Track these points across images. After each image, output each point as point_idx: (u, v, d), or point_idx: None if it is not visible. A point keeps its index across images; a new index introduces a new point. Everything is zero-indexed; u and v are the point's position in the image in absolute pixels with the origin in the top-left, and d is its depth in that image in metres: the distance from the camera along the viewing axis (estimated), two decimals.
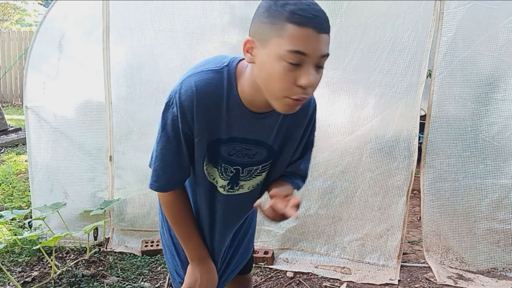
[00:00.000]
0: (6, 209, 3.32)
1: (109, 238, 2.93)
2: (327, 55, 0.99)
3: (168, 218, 1.25)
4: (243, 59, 1.10)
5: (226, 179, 1.23)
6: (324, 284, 2.55)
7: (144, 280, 2.56)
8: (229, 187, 1.25)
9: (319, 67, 0.99)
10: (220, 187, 1.25)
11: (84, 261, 2.71)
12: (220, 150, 1.16)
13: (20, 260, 2.74)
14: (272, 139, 1.19)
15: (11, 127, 6.44)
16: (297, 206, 1.07)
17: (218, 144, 1.15)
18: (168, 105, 1.09)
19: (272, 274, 2.64)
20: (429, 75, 2.67)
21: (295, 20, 0.92)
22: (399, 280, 2.58)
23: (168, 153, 1.14)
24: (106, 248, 2.88)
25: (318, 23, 0.93)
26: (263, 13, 0.97)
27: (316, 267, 2.72)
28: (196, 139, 1.13)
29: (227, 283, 1.48)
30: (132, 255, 2.81)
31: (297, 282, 2.57)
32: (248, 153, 1.19)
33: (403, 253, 2.76)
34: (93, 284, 2.48)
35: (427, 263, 2.72)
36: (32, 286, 2.45)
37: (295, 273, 2.65)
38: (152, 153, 1.19)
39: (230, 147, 1.16)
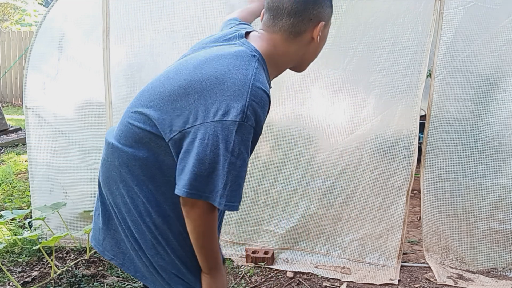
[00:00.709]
0: (6, 209, 3.32)
1: None
2: None
3: (205, 234, 1.15)
4: (249, 34, 1.26)
5: None
6: (324, 284, 2.55)
7: None
8: None
9: None
10: None
11: (84, 261, 2.71)
12: None
13: (20, 260, 2.74)
14: None
15: (11, 127, 6.44)
16: None
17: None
18: (242, 121, 1.05)
19: (272, 274, 2.64)
20: (429, 75, 2.67)
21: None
22: (399, 280, 2.58)
23: (244, 170, 1.10)
24: None
25: None
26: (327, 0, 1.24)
27: (316, 267, 2.72)
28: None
29: None
30: None
31: (297, 282, 2.57)
32: None
33: (403, 253, 2.76)
34: (93, 284, 2.49)
35: (427, 263, 2.72)
36: (32, 286, 2.45)
37: (295, 273, 2.65)
38: (212, 177, 1.07)
39: None
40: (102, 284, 2.48)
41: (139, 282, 2.53)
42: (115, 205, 1.26)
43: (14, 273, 2.59)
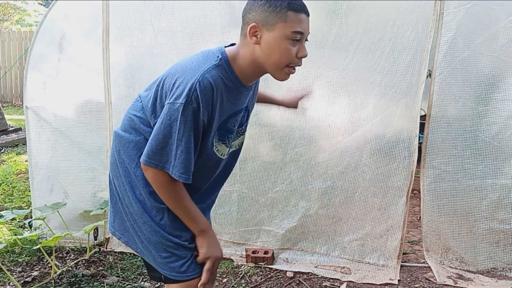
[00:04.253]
0: (6, 209, 3.32)
1: (109, 238, 2.93)
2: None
3: (176, 203, 1.37)
4: (227, 46, 1.39)
5: (228, 145, 1.48)
6: (324, 284, 2.55)
7: (144, 280, 2.56)
8: (228, 150, 1.50)
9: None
10: (221, 154, 1.47)
11: (84, 261, 2.72)
12: (227, 125, 1.41)
13: (20, 260, 2.75)
14: (251, 103, 1.52)
15: (11, 127, 6.44)
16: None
17: (227, 120, 1.39)
18: (187, 103, 1.25)
19: (272, 274, 2.64)
20: (429, 75, 2.67)
21: (294, 8, 1.27)
22: (399, 280, 2.58)
23: (192, 146, 1.29)
24: (106, 248, 2.88)
25: (307, 9, 1.31)
26: (264, 4, 1.28)
27: (316, 267, 2.72)
28: (213, 123, 1.34)
29: None
30: (132, 255, 2.81)
31: (297, 282, 2.57)
32: (239, 118, 1.46)
33: (403, 253, 2.76)
34: (93, 284, 2.49)
35: (427, 263, 2.72)
36: (32, 286, 2.45)
37: (295, 273, 2.65)
38: (166, 150, 1.29)
39: (234, 120, 1.42)
40: (102, 284, 2.49)
41: (139, 282, 2.53)
42: (117, 188, 1.47)
43: (14, 273, 2.60)
